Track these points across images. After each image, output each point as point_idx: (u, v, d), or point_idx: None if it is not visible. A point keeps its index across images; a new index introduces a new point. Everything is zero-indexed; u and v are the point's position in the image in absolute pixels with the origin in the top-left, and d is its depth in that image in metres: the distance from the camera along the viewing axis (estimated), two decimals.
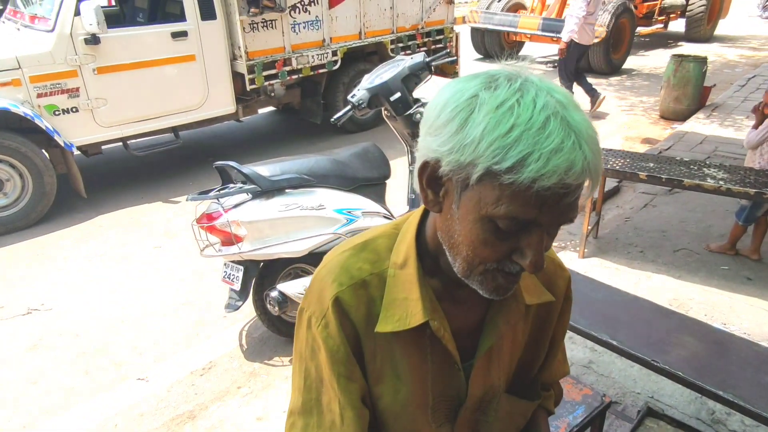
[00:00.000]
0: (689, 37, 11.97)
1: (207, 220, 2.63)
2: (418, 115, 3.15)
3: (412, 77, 3.20)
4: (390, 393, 0.84)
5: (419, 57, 3.24)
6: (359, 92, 3.17)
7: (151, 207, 4.71)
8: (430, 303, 0.79)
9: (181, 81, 5.02)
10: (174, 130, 5.18)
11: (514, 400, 0.93)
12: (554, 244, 0.98)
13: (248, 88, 5.32)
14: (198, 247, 2.70)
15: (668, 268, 3.45)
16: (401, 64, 3.21)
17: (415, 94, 3.26)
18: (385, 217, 3.02)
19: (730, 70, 9.43)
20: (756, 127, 3.32)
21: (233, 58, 5.30)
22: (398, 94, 3.14)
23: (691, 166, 3.31)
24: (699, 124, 6.26)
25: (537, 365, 0.98)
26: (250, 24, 5.15)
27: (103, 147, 4.94)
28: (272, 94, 5.84)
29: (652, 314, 2.04)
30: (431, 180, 0.71)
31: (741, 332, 2.71)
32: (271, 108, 6.68)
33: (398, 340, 0.81)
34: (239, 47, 5.18)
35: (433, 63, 3.31)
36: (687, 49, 10.80)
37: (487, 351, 0.85)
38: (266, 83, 5.45)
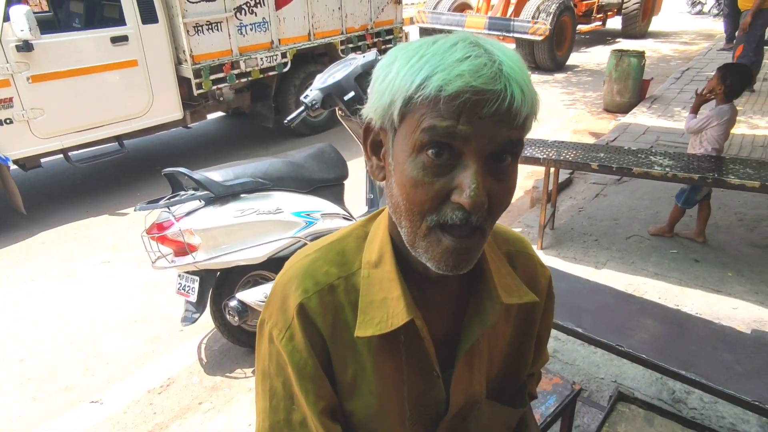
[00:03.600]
0: (626, 33, 12.52)
1: (158, 230, 2.52)
2: None
3: (366, 76, 3.17)
4: (364, 408, 0.78)
5: (372, 55, 3.21)
6: (312, 92, 3.11)
7: (97, 220, 4.49)
8: (412, 300, 0.73)
9: (124, 87, 4.82)
10: (118, 139, 4.97)
11: (496, 407, 0.88)
12: None
13: (195, 93, 5.17)
14: (150, 259, 2.57)
15: (622, 254, 3.55)
16: (354, 62, 3.18)
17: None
18: (344, 218, 2.98)
19: (665, 63, 9.86)
20: (693, 110, 3.46)
21: (178, 63, 5.14)
22: (352, 93, 3.10)
23: (639, 155, 3.41)
24: (641, 116, 6.51)
25: (524, 369, 0.92)
26: (194, 27, 5.00)
27: (43, 159, 4.69)
28: (221, 99, 5.68)
29: (613, 300, 2.08)
30: (374, 145, 0.72)
31: (693, 312, 2.80)
32: (220, 113, 6.52)
33: (370, 349, 0.75)
34: (184, 51, 5.02)
35: None
36: (625, 44, 11.26)
37: (467, 357, 0.79)
38: (214, 87, 5.31)
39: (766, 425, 2.17)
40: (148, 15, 4.81)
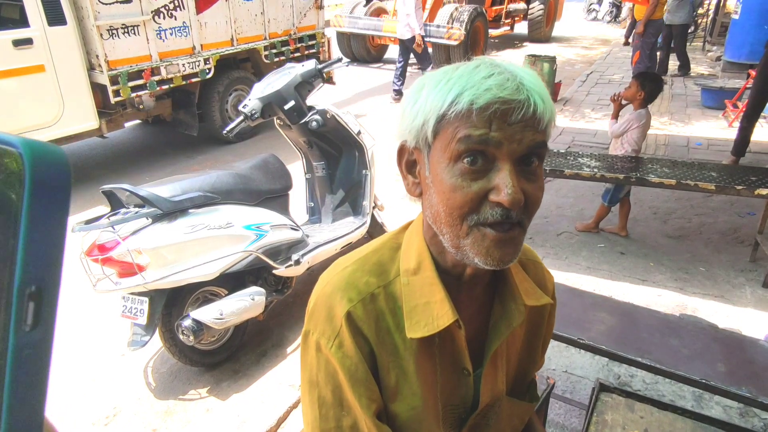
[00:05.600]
0: (532, 38, 13.29)
1: (100, 252, 2.34)
2: (314, 123, 3.11)
3: (305, 85, 3.15)
4: (408, 410, 0.82)
5: (311, 64, 3.19)
6: (251, 102, 3.05)
7: None
8: (452, 303, 0.78)
9: (30, 95, 4.43)
10: None
11: (514, 403, 0.94)
12: None
13: (113, 100, 4.85)
14: (90, 282, 2.39)
15: (556, 250, 3.77)
16: (293, 72, 3.14)
17: (308, 101, 3.21)
18: (292, 228, 2.94)
19: (570, 67, 10.55)
20: (614, 117, 3.75)
21: (91, 68, 4.80)
22: (292, 102, 3.07)
23: (568, 157, 3.65)
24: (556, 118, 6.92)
25: (533, 368, 1.00)
26: (108, 30, 4.69)
27: None
28: (140, 107, 5.37)
29: (567, 296, 2.22)
30: (408, 164, 0.78)
31: (624, 301, 3.04)
32: (137, 121, 6.16)
33: (412, 352, 0.79)
34: (97, 55, 4.70)
35: (325, 70, 3.28)
36: (532, 49, 11.92)
37: (493, 357, 0.85)
38: (133, 95, 5.00)
39: (699, 398, 2.41)
40: (54, 16, 4.45)
